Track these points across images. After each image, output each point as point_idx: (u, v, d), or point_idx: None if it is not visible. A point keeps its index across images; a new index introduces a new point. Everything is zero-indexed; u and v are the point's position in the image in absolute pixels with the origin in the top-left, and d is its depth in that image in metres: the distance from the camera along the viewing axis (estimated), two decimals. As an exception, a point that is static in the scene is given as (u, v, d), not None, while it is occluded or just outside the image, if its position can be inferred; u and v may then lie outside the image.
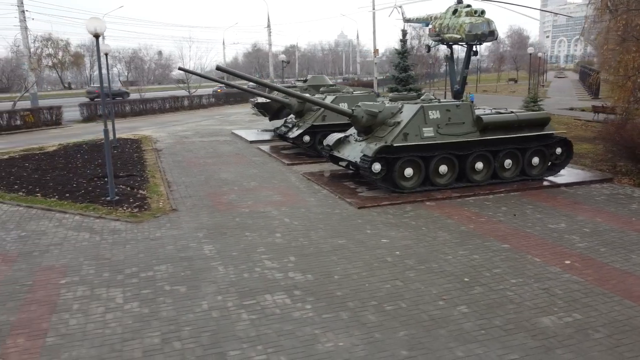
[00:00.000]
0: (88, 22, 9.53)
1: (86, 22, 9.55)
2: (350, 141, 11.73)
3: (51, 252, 7.39)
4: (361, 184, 11.38)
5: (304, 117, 15.50)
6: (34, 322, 5.30)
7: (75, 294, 5.99)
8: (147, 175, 12.91)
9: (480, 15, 37.53)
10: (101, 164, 14.38)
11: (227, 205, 9.89)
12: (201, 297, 5.85)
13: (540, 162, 11.50)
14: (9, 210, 9.66)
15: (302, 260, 6.97)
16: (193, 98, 36.02)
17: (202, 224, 8.67)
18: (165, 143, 18.82)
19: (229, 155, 15.96)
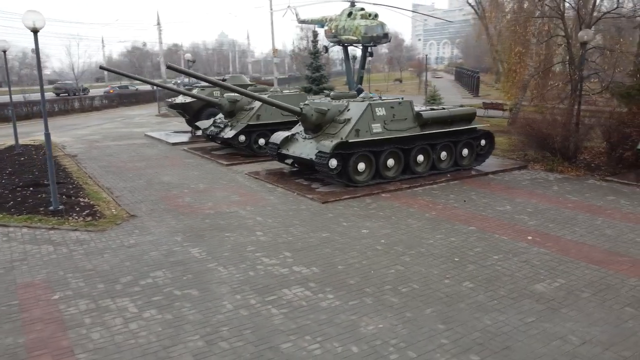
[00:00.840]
0: (25, 15, 8.64)
1: (23, 16, 8.64)
2: (298, 139, 11.97)
3: (18, 269, 6.70)
4: (313, 180, 11.67)
5: (236, 117, 15.37)
6: (51, 341, 4.88)
7: (79, 308, 5.57)
8: (78, 182, 11.97)
9: (374, 18, 39.60)
10: (13, 172, 13.05)
11: (188, 208, 9.61)
12: (219, 298, 5.78)
13: (469, 153, 12.69)
14: None
15: (298, 255, 7.12)
16: (85, 100, 33.46)
17: (174, 228, 8.37)
18: (77, 148, 17.43)
19: (158, 158, 15.29)
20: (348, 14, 40.38)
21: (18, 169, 13.52)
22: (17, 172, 13.17)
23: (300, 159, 11.69)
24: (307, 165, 12.10)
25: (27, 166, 14.08)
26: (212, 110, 19.18)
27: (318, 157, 10.62)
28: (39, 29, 8.82)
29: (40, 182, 11.82)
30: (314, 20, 48.68)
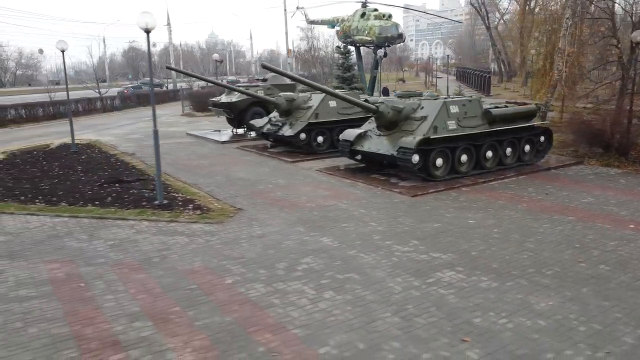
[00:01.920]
0: (139, 16, 9.00)
1: (137, 17, 9.00)
2: (372, 136, 12.42)
3: (170, 258, 7.08)
4: (386, 175, 12.11)
5: (293, 115, 15.76)
6: (256, 319, 5.28)
7: (258, 290, 5.97)
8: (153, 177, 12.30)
9: (388, 18, 40.14)
10: (85, 170, 13.38)
11: (287, 202, 10.01)
12: (382, 281, 6.20)
13: (530, 149, 13.23)
14: (53, 222, 8.79)
15: (425, 243, 7.56)
16: (106, 100, 33.61)
17: (288, 220, 8.78)
18: (127, 147, 17.72)
19: (216, 156, 15.65)
20: (361, 15, 40.95)
21: (88, 167, 13.82)
22: (89, 170, 13.48)
23: (376, 155, 12.12)
24: (377, 161, 12.59)
25: (94, 164, 14.40)
26: (257, 109, 19.62)
27: (401, 152, 11.08)
28: (151, 30, 9.19)
29: (123, 179, 12.16)
30: (325, 21, 49.21)
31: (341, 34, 43.61)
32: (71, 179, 12.34)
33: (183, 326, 5.15)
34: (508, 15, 66.65)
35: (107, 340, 4.89)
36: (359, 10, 41.47)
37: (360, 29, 40.31)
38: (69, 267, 6.77)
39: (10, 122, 25.17)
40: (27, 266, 6.81)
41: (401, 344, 4.78)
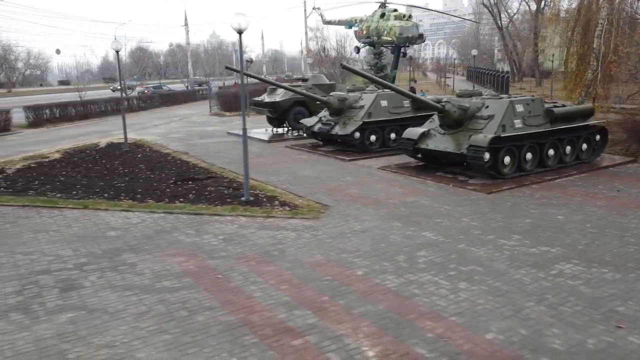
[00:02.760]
0: (233, 17, 9.25)
1: (231, 18, 9.25)
2: (435, 134, 12.67)
3: (288, 251, 7.32)
4: (452, 173, 12.35)
5: (344, 114, 16.00)
6: (409, 307, 5.53)
7: (392, 281, 6.21)
8: (226, 176, 12.58)
9: (408, 19, 40.37)
10: (150, 168, 13.64)
11: (368, 199, 10.25)
12: (506, 273, 6.44)
13: (587, 147, 13.48)
14: (152, 218, 9.04)
15: (528, 237, 7.79)
16: (132, 100, 33.87)
17: (380, 216, 9.02)
18: (176, 146, 17.96)
19: (268, 155, 15.90)
20: (381, 15, 41.20)
21: (151, 166, 14.08)
22: (153, 168, 13.73)
23: (442, 153, 12.35)
24: (438, 159, 12.84)
25: (154, 162, 14.65)
26: (299, 109, 19.90)
27: (472, 150, 11.32)
28: (244, 30, 9.44)
29: (194, 177, 12.41)
30: (342, 21, 49.46)
31: (360, 34, 43.92)
32: (140, 177, 12.60)
33: (342, 314, 5.40)
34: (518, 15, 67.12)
35: (278, 327, 5.14)
36: (378, 11, 41.76)
37: (380, 30, 40.61)
38: (194, 260, 7.02)
39: (46, 121, 25.41)
40: (153, 259, 7.06)
41: (560, 330, 5.03)
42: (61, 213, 9.37)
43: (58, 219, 8.98)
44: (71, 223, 8.75)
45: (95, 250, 7.41)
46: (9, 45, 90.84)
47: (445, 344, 4.80)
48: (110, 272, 6.62)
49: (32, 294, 5.98)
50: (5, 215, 9.30)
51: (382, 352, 4.66)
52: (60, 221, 8.87)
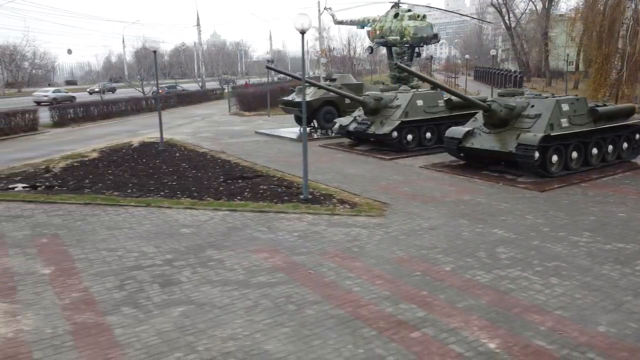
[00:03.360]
0: (296, 18, 9.37)
1: (294, 19, 9.37)
2: (480, 133, 12.78)
3: (367, 248, 7.44)
4: (497, 171, 12.46)
5: (380, 114, 16.12)
6: (510, 302, 5.65)
7: (483, 277, 6.33)
8: (272, 174, 12.69)
9: (422, 19, 40.44)
10: (193, 167, 13.75)
11: (425, 197, 10.36)
12: (590, 268, 6.55)
13: (628, 146, 13.61)
14: (219, 215, 9.15)
15: (598, 234, 7.90)
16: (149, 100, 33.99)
17: (443, 213, 9.13)
18: (209, 145, 18.08)
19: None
20: (394, 15, 41.25)
21: (193, 165, 14.19)
22: (196, 167, 13.85)
23: (489, 152, 12.45)
24: (481, 158, 12.96)
25: (195, 161, 14.77)
26: (329, 109, 20.05)
27: (522, 149, 11.44)
28: (306, 30, 9.56)
29: (242, 175, 12.54)
30: (354, 22, 49.49)
31: (373, 34, 43.98)
32: (187, 175, 12.71)
33: (447, 308, 5.52)
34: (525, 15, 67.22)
35: (390, 320, 5.26)
36: (392, 11, 41.82)
37: (393, 30, 40.69)
38: (279, 256, 7.13)
39: (71, 121, 25.53)
40: (237, 255, 7.17)
41: (668, 323, 5.15)
42: (126, 211, 9.49)
43: (126, 217, 9.10)
44: (141, 220, 8.86)
45: (177, 247, 7.53)
46: (14, 44, 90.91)
47: (560, 337, 4.92)
48: (200, 267, 6.74)
49: (134, 289, 6.10)
50: (72, 212, 9.42)
51: (502, 344, 4.78)
52: (129, 219, 8.99)
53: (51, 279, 6.42)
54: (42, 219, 9.02)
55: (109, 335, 5.03)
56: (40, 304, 5.73)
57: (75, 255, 7.22)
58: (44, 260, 7.04)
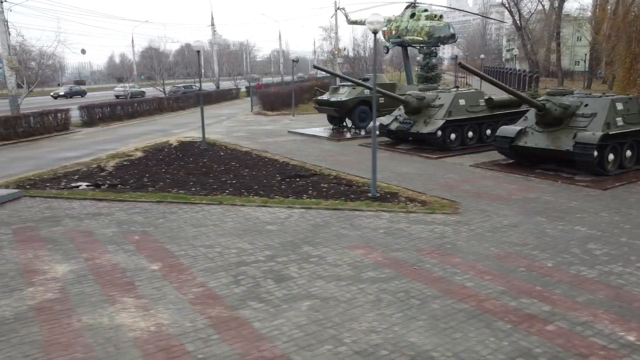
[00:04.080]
0: (370, 17, 9.49)
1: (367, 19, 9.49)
2: (532, 132, 12.89)
3: (458, 244, 7.56)
4: (552, 170, 12.57)
5: (423, 113, 16.23)
6: (630, 297, 5.77)
7: (590, 272, 6.44)
8: (327, 173, 12.81)
9: (439, 19, 40.57)
10: (246, 166, 13.86)
11: (490, 196, 10.46)
12: (690, 264, 6.68)
13: (675, 145, 13.72)
14: (296, 212, 9.26)
15: (680, 230, 8.05)
16: (171, 99, 34.14)
17: (517, 210, 9.23)
18: (248, 144, 18.20)
19: (347, 153, 16.13)
20: (411, 15, 41.39)
21: (244, 163, 14.31)
22: (248, 166, 13.96)
23: (544, 151, 12.54)
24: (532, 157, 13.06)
25: (242, 160, 14.89)
26: (363, 108, 20.18)
27: (580, 148, 11.55)
28: (378, 31, 9.69)
29: (299, 174, 12.66)
30: (368, 21, 49.55)
31: (389, 34, 44.11)
32: (243, 174, 12.83)
33: (569, 302, 5.62)
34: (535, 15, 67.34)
35: (519, 314, 5.38)
36: (408, 11, 41.95)
37: (410, 30, 40.83)
38: (376, 252, 7.25)
39: (99, 120, 25.68)
40: (335, 252, 7.28)
41: None
42: (202, 209, 9.61)
43: (205, 214, 9.22)
44: (222, 218, 8.98)
45: (270, 243, 7.65)
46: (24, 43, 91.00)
47: (694, 330, 5.03)
48: (305, 263, 6.86)
49: (250, 284, 6.22)
50: (149, 210, 9.55)
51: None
52: (209, 216, 9.11)
53: (163, 274, 6.54)
54: (123, 217, 9.15)
55: (249, 328, 5.15)
56: (166, 298, 5.85)
57: (174, 252, 7.34)
58: (146, 257, 7.16)
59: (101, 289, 6.13)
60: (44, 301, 5.82)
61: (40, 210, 9.71)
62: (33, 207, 9.94)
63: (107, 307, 5.65)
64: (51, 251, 7.45)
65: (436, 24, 39.38)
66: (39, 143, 20.00)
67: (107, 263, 6.95)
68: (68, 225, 8.73)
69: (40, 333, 5.10)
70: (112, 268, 6.77)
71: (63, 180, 12.35)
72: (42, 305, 5.71)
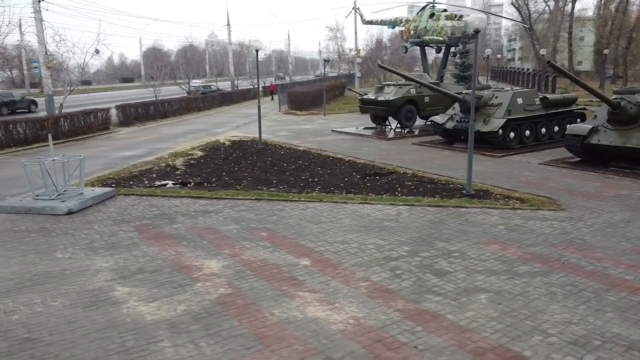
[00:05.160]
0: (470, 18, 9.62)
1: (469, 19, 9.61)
2: (605, 130, 13.05)
3: (587, 239, 7.68)
4: (622, 167, 12.74)
5: (481, 112, 16.36)
6: None
7: None
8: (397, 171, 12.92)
9: (459, 19, 40.81)
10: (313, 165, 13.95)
11: (581, 192, 10.60)
12: None
13: None
14: (400, 209, 9.37)
15: None
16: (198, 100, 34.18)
17: (619, 207, 9.37)
18: (299, 143, 18.28)
19: (410, 152, 16.25)
20: (430, 15, 41.60)
21: (313, 162, 14.40)
22: (316, 164, 14.05)
23: (619, 148, 12.67)
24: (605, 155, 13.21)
25: (306, 159, 14.97)
26: (410, 108, 20.32)
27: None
28: (480, 30, 9.80)
29: (378, 173, 12.77)
30: (384, 21, 49.87)
31: (406, 34, 44.30)
32: (318, 172, 12.92)
33: None
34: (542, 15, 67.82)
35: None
36: (427, 11, 42.15)
37: (429, 30, 41.04)
38: (513, 248, 7.34)
39: (135, 120, 25.70)
40: (470, 247, 7.38)
41: None
42: (307, 206, 9.69)
43: (314, 211, 9.30)
44: (334, 215, 9.07)
45: (402, 239, 7.74)
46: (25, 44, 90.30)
47: None
48: (450, 258, 6.96)
49: (413, 278, 6.31)
50: (255, 208, 9.62)
51: None
52: (319, 213, 9.19)
53: (319, 269, 6.62)
54: (233, 214, 9.22)
55: (446, 320, 5.25)
56: (340, 292, 5.93)
57: (314, 248, 7.42)
58: (289, 253, 7.24)
59: (268, 283, 6.21)
60: (222, 296, 5.89)
61: (145, 207, 9.77)
62: (135, 205, 9.99)
63: (288, 301, 5.73)
64: (189, 247, 7.52)
65: (456, 24, 39.63)
66: (87, 142, 19.98)
67: (254, 259, 7.03)
68: (185, 222, 8.79)
69: (243, 326, 5.18)
70: (262, 264, 6.85)
71: (144, 179, 12.39)
72: (224, 300, 5.78)
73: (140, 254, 7.31)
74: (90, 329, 5.18)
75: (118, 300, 5.81)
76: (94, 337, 5.04)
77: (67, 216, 9.24)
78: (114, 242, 7.82)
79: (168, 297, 5.87)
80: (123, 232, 8.28)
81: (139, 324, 5.27)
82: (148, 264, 6.89)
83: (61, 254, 7.33)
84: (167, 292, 6.00)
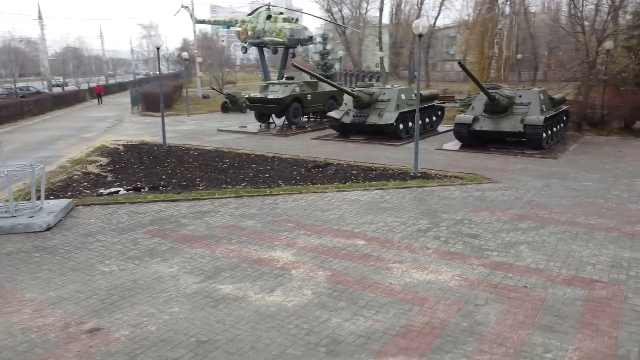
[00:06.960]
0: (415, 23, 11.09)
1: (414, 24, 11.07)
2: (483, 119, 16.03)
3: (544, 203, 9.81)
4: (500, 148, 15.86)
5: (373, 107, 18.27)
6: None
7: (642, 207, 9.32)
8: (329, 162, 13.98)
9: (297, 22, 43.55)
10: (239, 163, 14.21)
11: (495, 170, 13.03)
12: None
13: None
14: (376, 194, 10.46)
15: (642, 179, 11.65)
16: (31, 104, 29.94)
17: (533, 178, 11.94)
18: (200, 144, 17.93)
19: (317, 147, 17.32)
20: (267, 17, 43.22)
21: (240, 160, 14.49)
22: (249, 162, 14.25)
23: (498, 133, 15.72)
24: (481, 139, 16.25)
25: (232, 158, 15.00)
26: (297, 105, 21.42)
27: (530, 129, 15.01)
28: (423, 34, 11.40)
29: (318, 166, 13.60)
30: (218, 22, 50.11)
31: (244, 34, 45.15)
32: (259, 169, 13.22)
33: (662, 224, 8.30)
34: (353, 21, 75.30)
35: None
36: (263, 13, 43.62)
37: (267, 31, 42.62)
38: (499, 213, 9.04)
39: None
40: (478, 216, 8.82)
41: None
42: (294, 198, 10.10)
43: (308, 202, 9.79)
44: (330, 202, 9.72)
45: (412, 215, 8.85)
46: None
47: None
48: (464, 224, 8.31)
49: (457, 242, 7.48)
50: (247, 205, 9.68)
51: None
52: (314, 202, 9.74)
53: (380, 245, 7.35)
54: (234, 212, 9.19)
55: (521, 267, 6.55)
56: (419, 260, 6.79)
57: (352, 230, 8.06)
58: (335, 237, 7.76)
59: (355, 262, 6.73)
60: (331, 277, 6.25)
61: (128, 215, 9.04)
62: (112, 213, 9.15)
63: (389, 273, 6.39)
64: (237, 245, 7.46)
65: (295, 27, 41.94)
66: None
67: (313, 245, 7.37)
68: (196, 224, 8.51)
69: (383, 296, 5.71)
70: (325, 248, 7.25)
71: (80, 189, 11.18)
72: (336, 280, 6.16)
73: (195, 256, 7.06)
74: (247, 322, 5.17)
75: (238, 297, 5.77)
76: (261, 327, 5.06)
77: (50, 232, 8.12)
78: (147, 249, 7.32)
79: (281, 287, 6.02)
80: (145, 240, 7.73)
81: (287, 311, 5.41)
82: (218, 263, 6.76)
83: (106, 268, 6.66)
84: (275, 283, 6.13)
